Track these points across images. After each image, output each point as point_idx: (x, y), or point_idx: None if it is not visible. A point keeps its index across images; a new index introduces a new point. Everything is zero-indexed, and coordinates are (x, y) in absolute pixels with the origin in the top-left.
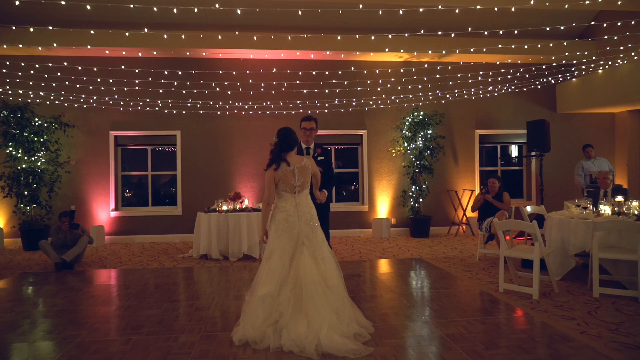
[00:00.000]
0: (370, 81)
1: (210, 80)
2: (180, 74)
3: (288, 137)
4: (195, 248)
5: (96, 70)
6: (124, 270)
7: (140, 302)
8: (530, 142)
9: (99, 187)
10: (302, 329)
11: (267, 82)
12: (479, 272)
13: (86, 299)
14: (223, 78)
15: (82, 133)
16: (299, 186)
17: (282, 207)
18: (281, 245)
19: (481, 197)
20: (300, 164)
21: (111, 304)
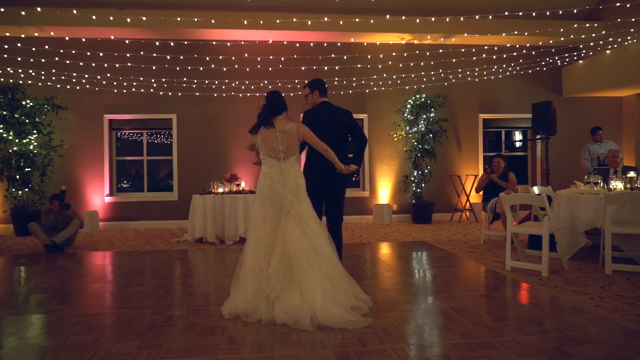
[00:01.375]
0: (370, 64)
1: (206, 62)
2: (178, 56)
3: (276, 100)
4: (191, 231)
5: (90, 51)
6: (116, 252)
7: (130, 280)
8: (536, 124)
9: (93, 172)
10: (296, 300)
11: (265, 64)
12: (483, 253)
13: (74, 277)
14: (220, 60)
15: (75, 116)
16: (283, 152)
17: (267, 173)
18: (264, 213)
19: (486, 177)
20: (284, 128)
21: (99, 282)
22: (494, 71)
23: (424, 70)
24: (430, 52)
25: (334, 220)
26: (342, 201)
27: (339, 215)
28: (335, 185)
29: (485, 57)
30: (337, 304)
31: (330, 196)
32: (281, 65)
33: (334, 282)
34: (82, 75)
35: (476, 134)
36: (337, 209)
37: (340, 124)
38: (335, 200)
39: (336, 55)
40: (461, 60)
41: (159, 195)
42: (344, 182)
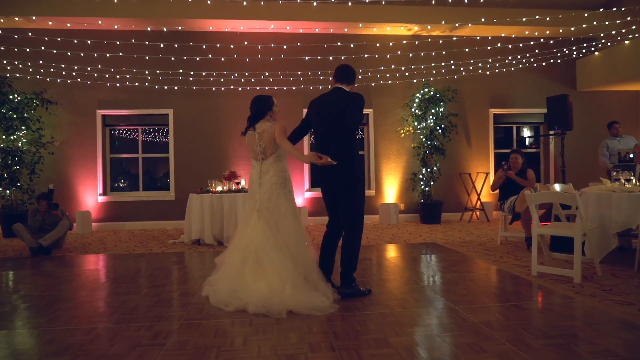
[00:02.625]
0: (376, 55)
1: (202, 51)
2: (172, 44)
3: (258, 104)
4: (187, 233)
5: (77, 39)
6: (106, 255)
7: (117, 288)
8: (551, 119)
9: (86, 170)
10: (264, 290)
11: (266, 54)
12: (503, 256)
13: (57, 284)
14: (217, 49)
15: (66, 112)
16: (261, 152)
17: (250, 174)
18: (244, 212)
19: (503, 174)
20: (261, 129)
21: (83, 289)
22: (506, 63)
23: (432, 62)
24: (438, 43)
25: (344, 224)
26: (355, 202)
27: (349, 219)
28: (343, 181)
29: (496, 48)
30: (306, 293)
31: (339, 194)
32: (283, 55)
33: (307, 275)
34: (72, 67)
35: (486, 130)
36: (347, 211)
37: (336, 113)
38: (344, 200)
39: (342, 43)
40: (471, 52)
41: (155, 194)
42: (352, 177)
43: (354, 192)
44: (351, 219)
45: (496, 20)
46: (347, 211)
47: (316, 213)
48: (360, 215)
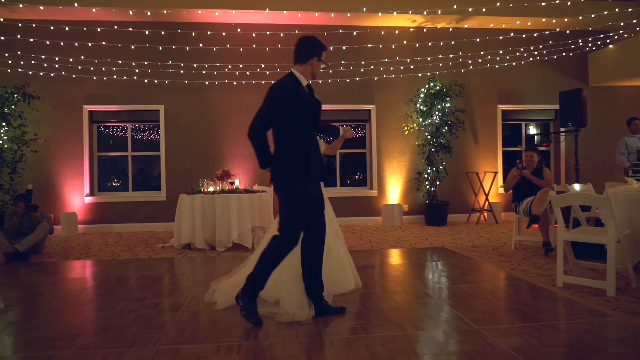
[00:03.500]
0: (380, 45)
1: (192, 39)
2: (158, 31)
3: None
4: (177, 236)
5: (59, 31)
6: (88, 262)
7: (91, 301)
8: (564, 115)
9: (72, 169)
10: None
11: (261, 43)
12: (520, 263)
13: (25, 297)
14: (208, 41)
15: (51, 107)
16: None
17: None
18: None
19: (517, 173)
20: None
21: (53, 304)
22: (515, 56)
23: (437, 55)
24: (444, 35)
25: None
26: (283, 210)
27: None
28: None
29: (504, 41)
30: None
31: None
32: (280, 45)
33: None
34: (53, 59)
35: (494, 127)
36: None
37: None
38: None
39: (340, 40)
40: (477, 44)
41: (145, 194)
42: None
43: (281, 197)
44: (280, 228)
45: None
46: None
47: None
48: (285, 228)
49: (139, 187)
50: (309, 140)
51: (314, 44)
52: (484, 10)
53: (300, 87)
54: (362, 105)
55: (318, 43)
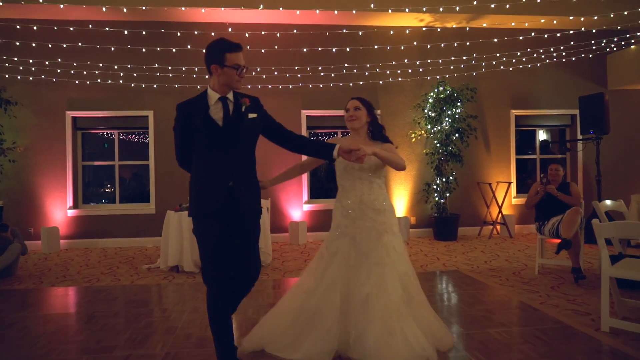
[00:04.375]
0: (385, 49)
1: (178, 40)
2: (139, 31)
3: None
4: (163, 257)
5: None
6: (60, 290)
7: (49, 350)
8: (584, 121)
9: (54, 180)
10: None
11: (256, 44)
12: (549, 294)
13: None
14: (196, 42)
15: (31, 113)
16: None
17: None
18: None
19: (541, 188)
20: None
21: (3, 354)
22: (530, 58)
23: (446, 56)
24: (454, 36)
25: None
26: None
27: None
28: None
29: (517, 42)
30: None
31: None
32: (277, 46)
33: None
34: (27, 61)
35: (507, 134)
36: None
37: None
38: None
39: (343, 41)
40: (490, 46)
41: (133, 207)
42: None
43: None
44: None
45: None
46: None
47: (315, 228)
48: (203, 267)
49: (126, 199)
50: (210, 165)
51: (211, 49)
52: (507, 6)
53: (201, 104)
54: None
55: (216, 46)
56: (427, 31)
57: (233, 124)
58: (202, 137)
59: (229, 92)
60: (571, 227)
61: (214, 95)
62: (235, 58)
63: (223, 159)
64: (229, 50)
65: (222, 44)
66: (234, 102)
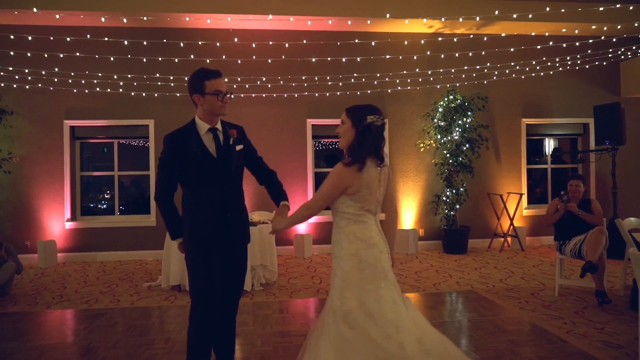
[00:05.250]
0: (394, 58)
1: (180, 50)
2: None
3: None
4: (165, 276)
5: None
6: (56, 314)
7: None
8: (600, 131)
9: (51, 192)
10: None
11: (262, 57)
12: (574, 321)
13: None
14: (200, 52)
15: (27, 122)
16: (380, 202)
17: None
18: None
19: (562, 206)
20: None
21: None
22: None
23: (456, 63)
24: (463, 43)
25: None
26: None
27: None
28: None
29: (534, 51)
30: None
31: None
32: (284, 56)
33: None
34: (23, 70)
35: (518, 143)
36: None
37: None
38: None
39: (350, 48)
40: (503, 54)
41: (133, 219)
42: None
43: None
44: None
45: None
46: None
47: (321, 241)
48: (192, 295)
49: (125, 210)
50: (204, 197)
51: (191, 79)
52: (530, 16)
53: (193, 134)
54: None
55: (195, 76)
56: (436, 39)
57: (225, 155)
58: (195, 168)
59: (217, 120)
60: (596, 249)
61: (203, 126)
62: (215, 84)
63: (216, 190)
64: (207, 77)
65: (200, 72)
66: (222, 132)
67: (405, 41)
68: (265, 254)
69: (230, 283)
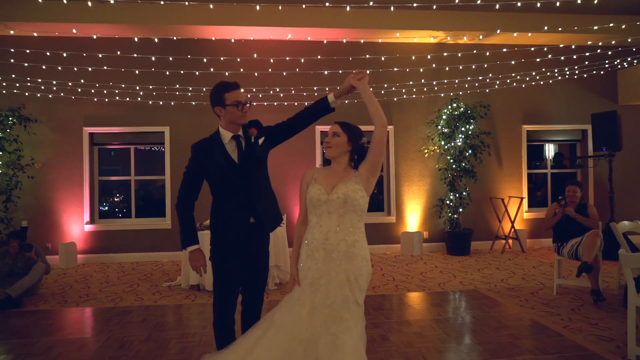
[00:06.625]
0: (401, 68)
1: (202, 64)
2: (166, 57)
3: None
4: (185, 276)
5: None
6: (87, 311)
7: None
8: (597, 138)
9: (71, 195)
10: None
11: (274, 68)
12: (571, 317)
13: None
14: (221, 66)
15: (48, 129)
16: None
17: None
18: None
19: (559, 210)
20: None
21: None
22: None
23: (459, 73)
24: (467, 53)
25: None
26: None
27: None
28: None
29: (533, 62)
30: None
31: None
32: (298, 69)
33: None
34: (51, 82)
35: (519, 149)
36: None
37: None
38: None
39: (357, 58)
40: (504, 64)
41: (149, 222)
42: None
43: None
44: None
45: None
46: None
47: None
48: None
49: (142, 213)
50: (227, 205)
51: (212, 94)
52: (545, 28)
53: (215, 145)
54: None
55: (215, 90)
56: (440, 48)
57: (247, 158)
58: (220, 174)
59: (239, 128)
60: (591, 251)
61: (226, 134)
62: (234, 96)
63: (241, 194)
64: (226, 90)
65: (220, 86)
66: (244, 138)
67: (413, 56)
68: (279, 255)
69: (253, 278)
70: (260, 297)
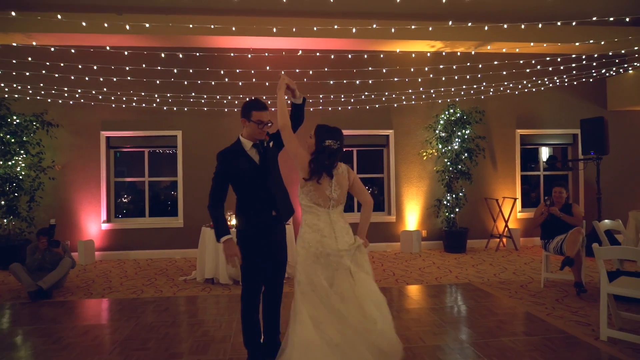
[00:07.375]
0: (401, 76)
1: (219, 76)
2: (187, 69)
3: (341, 137)
4: (200, 270)
5: (81, 64)
6: (113, 301)
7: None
8: (585, 143)
9: (89, 196)
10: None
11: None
12: (555, 306)
13: (53, 353)
14: (236, 74)
15: (68, 134)
16: (335, 199)
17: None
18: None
19: (545, 209)
20: (339, 171)
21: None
22: (537, 83)
23: (455, 82)
24: (463, 60)
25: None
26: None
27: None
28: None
29: (522, 66)
30: None
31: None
32: (306, 79)
33: None
34: (75, 90)
35: (513, 152)
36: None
37: None
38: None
39: (359, 66)
40: (496, 70)
41: (162, 221)
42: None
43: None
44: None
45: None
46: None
47: None
48: (243, 280)
49: (156, 212)
50: (253, 202)
51: (244, 106)
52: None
53: (239, 152)
54: (380, 130)
55: (247, 104)
56: (437, 57)
57: (266, 160)
58: (246, 177)
59: (255, 140)
60: (574, 246)
61: (247, 143)
62: (259, 115)
63: (263, 192)
64: (255, 108)
65: (251, 103)
66: (261, 144)
67: (412, 68)
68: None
69: (275, 270)
70: (281, 288)
